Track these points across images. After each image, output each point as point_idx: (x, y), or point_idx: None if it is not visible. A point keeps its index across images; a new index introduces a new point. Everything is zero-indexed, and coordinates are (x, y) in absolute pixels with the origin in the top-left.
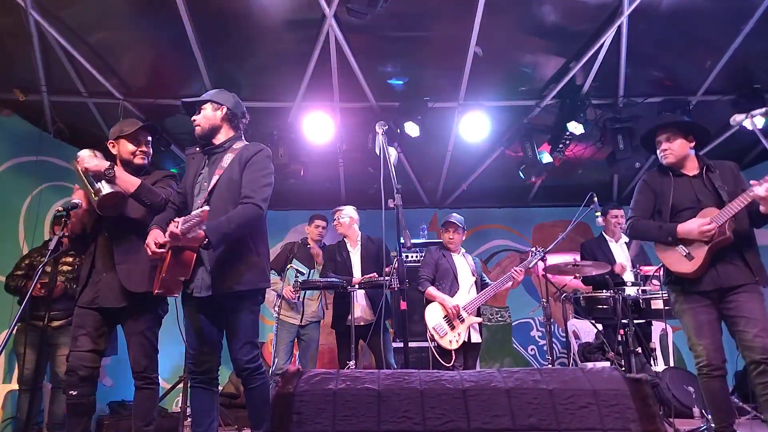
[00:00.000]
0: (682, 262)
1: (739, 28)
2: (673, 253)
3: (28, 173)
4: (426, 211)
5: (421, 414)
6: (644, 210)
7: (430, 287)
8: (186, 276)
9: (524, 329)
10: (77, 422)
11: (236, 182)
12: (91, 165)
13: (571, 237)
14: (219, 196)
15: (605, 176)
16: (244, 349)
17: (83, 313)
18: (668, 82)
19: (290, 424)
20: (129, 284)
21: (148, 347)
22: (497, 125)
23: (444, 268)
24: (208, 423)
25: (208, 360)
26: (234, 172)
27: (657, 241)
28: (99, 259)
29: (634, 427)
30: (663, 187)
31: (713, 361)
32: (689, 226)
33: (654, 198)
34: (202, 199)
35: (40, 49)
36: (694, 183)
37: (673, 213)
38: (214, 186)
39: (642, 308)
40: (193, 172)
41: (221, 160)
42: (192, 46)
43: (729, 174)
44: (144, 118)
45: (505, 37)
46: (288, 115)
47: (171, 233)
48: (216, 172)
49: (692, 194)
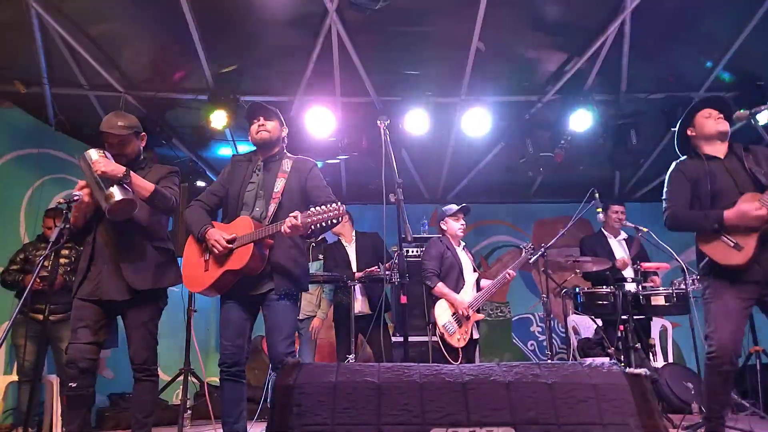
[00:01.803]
0: (731, 253)
1: (743, 24)
2: (719, 244)
3: (29, 166)
4: (427, 206)
5: (420, 407)
6: (681, 199)
7: (440, 283)
8: (261, 268)
9: (524, 325)
10: (76, 414)
11: (298, 189)
12: (108, 169)
13: (572, 233)
14: (289, 198)
15: (607, 172)
16: (285, 342)
17: (82, 306)
18: (671, 79)
19: (290, 416)
20: (135, 282)
21: (149, 339)
22: (499, 120)
23: (450, 263)
24: (238, 413)
25: (240, 353)
26: (296, 179)
27: (702, 230)
28: (98, 251)
29: (632, 422)
30: (698, 172)
31: (727, 354)
32: (741, 211)
33: (690, 186)
34: (267, 200)
35: (41, 41)
36: (727, 166)
37: (713, 199)
38: (283, 189)
39: (642, 304)
40: (240, 178)
41: (280, 167)
42: (194, 39)
43: (762, 157)
44: (145, 111)
45: (508, 32)
46: (290, 109)
47: (293, 225)
48: (280, 176)
49: (728, 178)
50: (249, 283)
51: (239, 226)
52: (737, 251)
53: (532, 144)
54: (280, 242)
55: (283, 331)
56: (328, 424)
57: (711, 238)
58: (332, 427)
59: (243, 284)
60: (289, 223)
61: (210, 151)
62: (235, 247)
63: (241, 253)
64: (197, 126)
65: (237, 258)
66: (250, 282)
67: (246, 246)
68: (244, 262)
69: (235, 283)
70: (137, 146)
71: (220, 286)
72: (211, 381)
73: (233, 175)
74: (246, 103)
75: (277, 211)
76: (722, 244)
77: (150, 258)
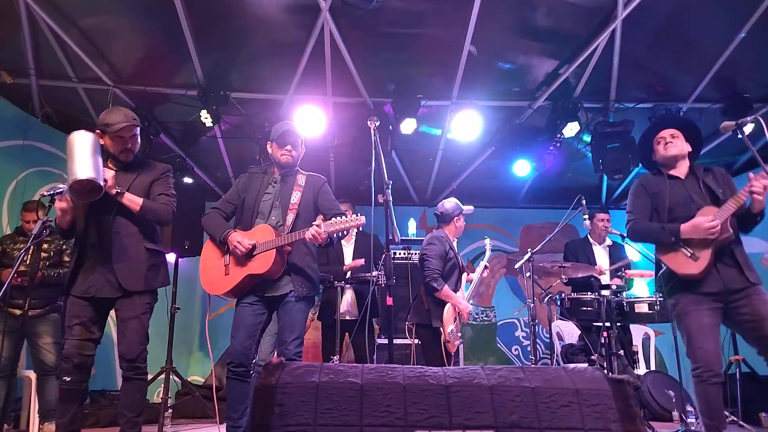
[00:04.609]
0: (687, 263)
1: (732, 36)
2: (677, 255)
3: (13, 157)
4: (415, 208)
5: (403, 409)
6: (643, 212)
7: (446, 286)
8: (280, 273)
9: (509, 329)
10: (68, 407)
11: (312, 202)
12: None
13: (559, 239)
14: (305, 209)
15: (594, 179)
16: (295, 342)
17: (76, 303)
18: (660, 88)
19: (272, 416)
20: (128, 284)
21: (142, 333)
22: (489, 125)
23: (452, 263)
24: (243, 409)
25: (248, 355)
26: (310, 193)
27: (659, 242)
28: (90, 250)
29: (615, 428)
30: (659, 188)
31: (713, 368)
32: (694, 224)
33: (650, 200)
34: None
35: (29, 31)
36: (687, 184)
37: (671, 213)
38: (300, 201)
39: (625, 311)
40: (255, 189)
41: (295, 181)
42: (185, 33)
43: (721, 177)
44: (134, 105)
45: (500, 37)
46: (280, 107)
47: (317, 233)
48: (296, 189)
49: (686, 195)
50: (269, 285)
51: (259, 233)
52: (693, 261)
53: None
54: (297, 249)
55: (295, 331)
56: (310, 424)
57: (669, 249)
58: (314, 427)
59: (263, 286)
60: (314, 230)
61: (198, 147)
62: (258, 253)
63: (265, 258)
64: (186, 121)
65: (260, 262)
66: (269, 284)
67: (269, 251)
68: (268, 267)
69: (254, 285)
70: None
71: (239, 289)
72: (194, 380)
73: (249, 185)
74: (236, 101)
75: (295, 220)
76: (680, 255)
77: (142, 259)
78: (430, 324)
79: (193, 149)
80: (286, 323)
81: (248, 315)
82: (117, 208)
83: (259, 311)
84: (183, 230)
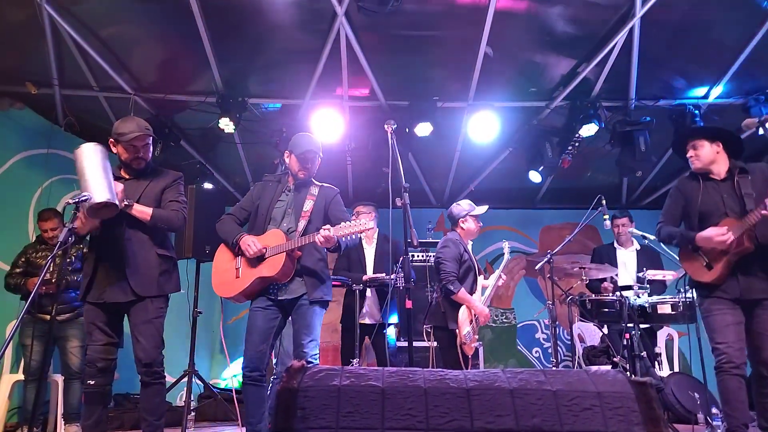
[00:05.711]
0: (702, 271)
1: (753, 32)
2: (695, 262)
3: (38, 166)
4: (433, 211)
5: (424, 412)
6: (672, 215)
7: (462, 289)
8: (290, 276)
9: (529, 331)
10: (93, 410)
11: (323, 210)
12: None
13: (579, 239)
14: (317, 216)
15: (614, 179)
16: (311, 344)
17: (92, 309)
18: (679, 86)
19: (294, 419)
20: (140, 290)
21: (157, 337)
22: (506, 126)
23: (467, 265)
24: (261, 413)
25: (262, 359)
26: (322, 202)
27: (679, 247)
28: (103, 257)
29: (637, 431)
30: (692, 192)
31: (734, 359)
32: (706, 235)
33: (683, 203)
34: (296, 217)
35: (52, 43)
36: (722, 187)
37: (701, 219)
38: (312, 209)
39: (648, 313)
40: (269, 196)
41: (309, 190)
42: (203, 41)
43: (760, 177)
44: (154, 113)
45: (516, 37)
46: (297, 112)
47: (327, 236)
48: (308, 198)
49: (719, 199)
50: (282, 288)
51: (271, 237)
52: (707, 270)
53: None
54: (308, 254)
55: (310, 333)
56: (332, 427)
57: (689, 255)
58: (336, 430)
59: (276, 290)
60: (324, 233)
61: (217, 152)
62: (268, 256)
63: (275, 261)
64: (206, 128)
65: (270, 265)
66: (282, 288)
67: (279, 255)
68: (277, 270)
69: (265, 288)
70: None
71: (250, 292)
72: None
73: (263, 193)
74: (254, 107)
75: (307, 226)
76: (697, 262)
77: (153, 265)
78: (446, 326)
79: (212, 155)
80: (300, 326)
81: (261, 319)
82: (127, 217)
83: (272, 315)
84: (203, 235)
